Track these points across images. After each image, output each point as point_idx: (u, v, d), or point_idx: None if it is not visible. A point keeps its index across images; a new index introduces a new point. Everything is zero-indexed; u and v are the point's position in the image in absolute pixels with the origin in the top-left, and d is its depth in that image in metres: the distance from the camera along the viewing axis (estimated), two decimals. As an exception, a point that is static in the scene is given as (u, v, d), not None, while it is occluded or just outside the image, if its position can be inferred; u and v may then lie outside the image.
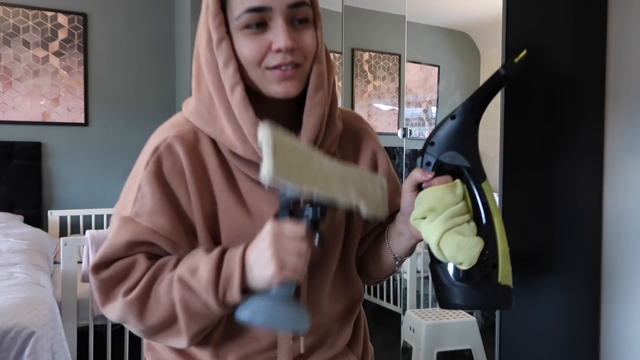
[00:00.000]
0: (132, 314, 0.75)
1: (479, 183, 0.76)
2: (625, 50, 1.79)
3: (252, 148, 0.76)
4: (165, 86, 3.93)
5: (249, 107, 0.75)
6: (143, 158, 0.80)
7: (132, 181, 0.80)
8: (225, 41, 0.75)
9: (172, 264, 0.76)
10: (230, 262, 0.72)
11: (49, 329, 1.79)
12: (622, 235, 1.82)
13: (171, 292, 0.73)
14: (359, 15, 3.37)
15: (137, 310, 0.75)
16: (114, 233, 0.77)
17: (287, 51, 0.74)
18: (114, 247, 0.76)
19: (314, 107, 0.79)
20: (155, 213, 0.76)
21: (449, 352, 2.33)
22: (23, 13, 3.46)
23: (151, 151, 0.78)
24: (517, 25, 1.62)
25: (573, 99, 1.77)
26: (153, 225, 0.75)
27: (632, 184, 1.79)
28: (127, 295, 0.75)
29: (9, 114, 3.44)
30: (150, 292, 0.75)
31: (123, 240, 0.76)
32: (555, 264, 1.77)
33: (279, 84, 0.76)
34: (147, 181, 0.77)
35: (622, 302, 1.82)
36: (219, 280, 0.72)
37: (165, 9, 3.91)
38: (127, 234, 0.75)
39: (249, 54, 0.75)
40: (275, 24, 0.74)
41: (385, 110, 3.71)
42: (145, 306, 0.75)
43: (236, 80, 0.75)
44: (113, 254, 0.77)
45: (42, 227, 3.37)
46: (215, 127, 0.78)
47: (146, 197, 0.76)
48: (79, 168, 3.65)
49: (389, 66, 3.65)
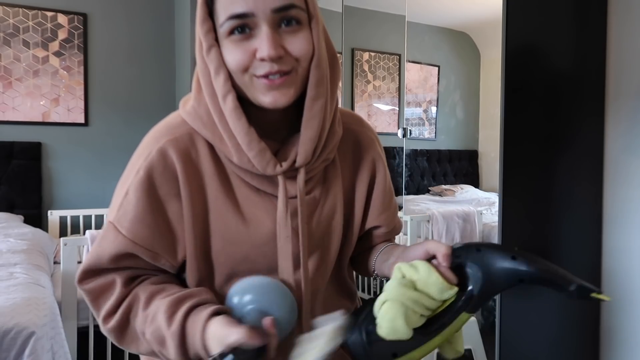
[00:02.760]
0: (115, 340, 0.77)
1: (463, 309, 0.72)
2: (625, 50, 1.79)
3: (247, 157, 0.75)
4: (165, 86, 3.93)
5: (241, 116, 0.73)
6: (135, 162, 0.78)
7: (122, 184, 0.79)
8: (215, 49, 0.73)
9: (144, 298, 0.75)
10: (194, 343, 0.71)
11: (49, 329, 1.79)
12: (622, 235, 1.82)
13: (148, 339, 0.74)
14: (359, 15, 3.37)
15: (118, 338, 0.77)
16: (99, 241, 0.77)
17: (272, 60, 0.70)
18: (99, 258, 0.76)
19: (312, 118, 0.76)
20: (136, 222, 0.75)
21: (449, 352, 2.33)
22: (23, 13, 3.46)
23: (144, 157, 0.76)
24: (517, 25, 1.62)
25: (573, 99, 1.77)
26: (133, 236, 0.75)
27: (632, 184, 1.79)
28: (107, 323, 0.76)
29: (9, 114, 3.44)
30: (127, 324, 0.76)
31: (107, 253, 0.76)
32: (555, 263, 1.77)
33: (266, 94, 0.72)
34: (135, 189, 0.75)
35: (622, 302, 1.82)
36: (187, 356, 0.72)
37: (165, 9, 3.91)
38: (110, 247, 0.75)
39: (233, 62, 0.72)
40: (259, 30, 0.70)
41: (385, 110, 3.71)
42: (125, 336, 0.77)
43: (227, 89, 0.73)
44: (98, 264, 0.77)
45: (42, 227, 3.37)
46: (214, 132, 0.76)
47: (130, 204, 0.75)
48: (79, 168, 3.65)
49: (389, 66, 3.65)
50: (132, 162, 0.80)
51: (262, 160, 0.75)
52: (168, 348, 0.72)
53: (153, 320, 0.73)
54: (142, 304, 0.75)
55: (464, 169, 3.08)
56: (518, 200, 1.69)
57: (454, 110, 2.95)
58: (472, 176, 3.02)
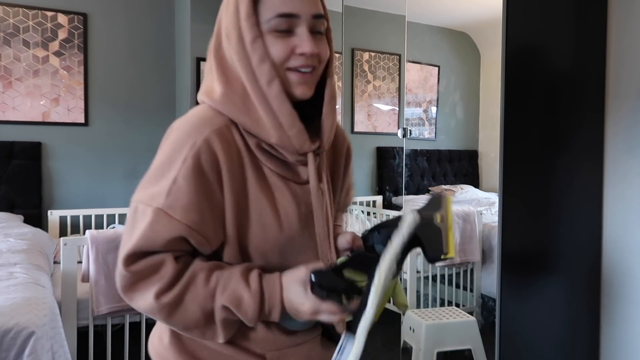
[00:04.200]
0: (160, 315, 0.81)
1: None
2: (625, 50, 1.79)
3: (287, 136, 0.83)
4: (165, 86, 3.93)
5: (286, 99, 0.82)
6: (178, 152, 0.81)
7: (161, 172, 0.81)
8: (260, 39, 0.82)
9: (203, 276, 0.81)
10: (271, 300, 0.82)
11: (49, 329, 1.79)
12: (622, 235, 1.82)
13: (209, 310, 0.81)
14: (359, 15, 3.37)
15: (167, 313, 0.80)
16: (148, 225, 0.79)
17: (310, 55, 0.82)
18: (150, 240, 0.79)
19: (331, 112, 0.90)
20: (190, 209, 0.79)
21: (449, 352, 2.33)
22: (23, 13, 3.46)
23: (189, 147, 0.80)
24: (517, 25, 1.62)
25: (573, 99, 1.77)
26: (187, 221, 0.79)
27: (632, 183, 1.79)
28: (160, 298, 0.79)
29: (9, 114, 3.44)
30: (182, 301, 0.80)
31: (161, 237, 0.79)
32: (555, 264, 1.77)
33: (297, 87, 0.84)
34: (185, 176, 0.79)
35: (622, 302, 1.82)
36: (261, 315, 0.82)
37: (165, 9, 3.91)
38: (164, 231, 0.78)
39: (276, 54, 0.82)
40: (300, 30, 0.83)
41: (385, 110, 3.71)
42: (175, 312, 0.81)
43: (273, 75, 0.82)
44: (148, 246, 0.79)
45: (42, 227, 3.37)
46: (250, 116, 0.83)
47: (182, 191, 0.79)
48: (79, 168, 3.65)
49: (389, 66, 3.65)
50: (171, 152, 0.81)
51: (300, 138, 0.84)
52: (246, 307, 0.80)
53: (226, 287, 0.81)
54: (202, 279, 0.81)
55: (464, 169, 3.08)
56: (518, 200, 1.69)
57: (454, 110, 2.95)
58: (472, 176, 3.02)
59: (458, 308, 2.50)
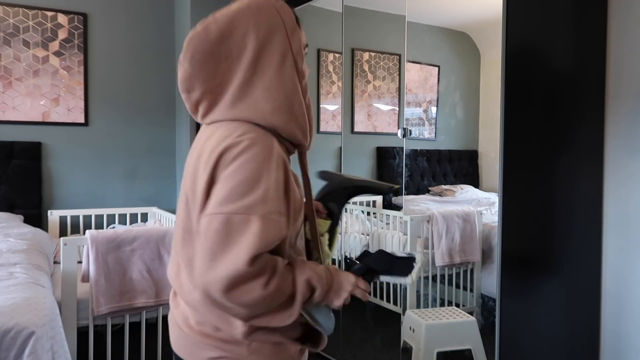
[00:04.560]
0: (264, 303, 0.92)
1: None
2: (625, 50, 1.79)
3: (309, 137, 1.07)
4: (165, 86, 3.93)
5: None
6: (263, 163, 0.94)
7: (250, 185, 0.92)
8: (300, 57, 1.05)
9: (282, 262, 0.97)
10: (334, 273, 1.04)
11: (49, 329, 1.79)
12: (622, 235, 1.82)
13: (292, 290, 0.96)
14: (359, 15, 3.37)
15: (270, 300, 0.93)
16: (262, 229, 0.90)
17: None
18: (268, 243, 0.91)
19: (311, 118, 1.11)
20: (283, 213, 0.95)
21: (449, 352, 2.33)
22: (23, 13, 3.46)
23: (271, 158, 0.95)
24: (517, 25, 1.62)
25: (573, 99, 1.77)
26: (283, 224, 0.94)
27: (632, 183, 1.79)
28: (269, 288, 0.92)
29: (9, 114, 3.44)
30: (279, 286, 0.94)
31: (277, 238, 0.92)
32: (555, 264, 1.77)
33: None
34: (276, 185, 0.94)
35: (622, 302, 1.82)
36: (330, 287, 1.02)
37: (165, 9, 3.91)
38: (279, 233, 0.93)
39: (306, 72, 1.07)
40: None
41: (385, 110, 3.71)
42: (275, 297, 0.94)
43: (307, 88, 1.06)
44: (266, 248, 0.91)
45: (42, 227, 3.37)
46: (292, 123, 1.01)
47: (276, 199, 0.93)
48: (79, 168, 3.65)
49: (389, 66, 3.65)
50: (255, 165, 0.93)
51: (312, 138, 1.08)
52: (321, 277, 0.99)
53: (302, 268, 0.99)
54: (282, 265, 0.96)
55: (464, 169, 3.08)
56: (518, 200, 1.69)
57: (454, 111, 2.94)
58: (472, 176, 3.02)
59: (458, 308, 2.50)
